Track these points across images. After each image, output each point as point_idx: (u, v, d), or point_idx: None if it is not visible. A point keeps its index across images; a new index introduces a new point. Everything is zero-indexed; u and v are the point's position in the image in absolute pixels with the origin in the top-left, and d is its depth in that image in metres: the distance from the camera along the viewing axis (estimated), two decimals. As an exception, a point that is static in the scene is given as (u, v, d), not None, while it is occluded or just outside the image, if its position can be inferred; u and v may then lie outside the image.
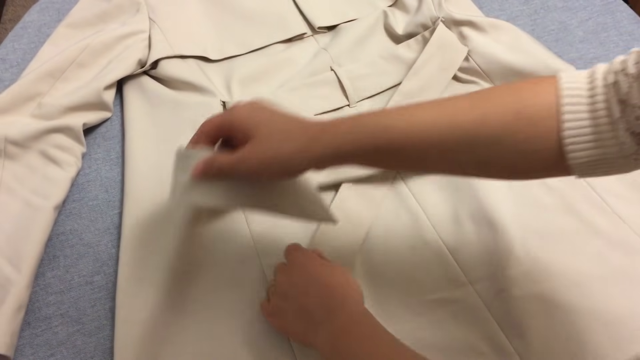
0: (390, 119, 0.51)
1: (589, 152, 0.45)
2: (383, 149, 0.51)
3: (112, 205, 0.73)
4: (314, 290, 0.56)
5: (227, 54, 0.85)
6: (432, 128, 0.49)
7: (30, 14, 0.92)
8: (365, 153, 0.51)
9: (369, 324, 0.53)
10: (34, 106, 0.75)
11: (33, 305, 0.65)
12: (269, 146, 0.51)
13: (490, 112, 0.48)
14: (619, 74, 0.44)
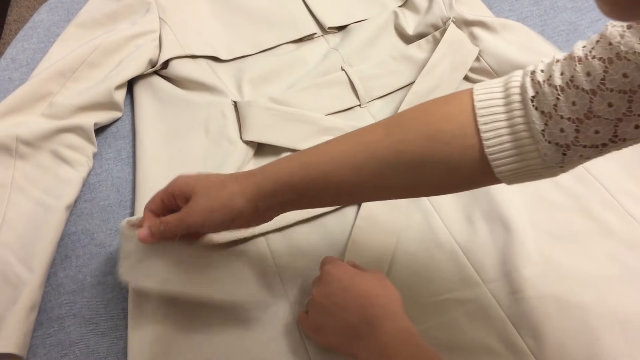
0: (309, 156, 0.54)
1: (514, 166, 0.46)
2: (309, 186, 0.53)
3: (124, 205, 0.73)
4: (352, 303, 0.55)
5: (238, 54, 0.85)
6: (349, 161, 0.51)
7: (39, 14, 0.92)
8: (296, 187, 0.53)
9: (412, 342, 0.52)
10: (45, 106, 0.75)
11: (45, 306, 0.65)
12: (208, 197, 0.55)
13: (404, 139, 0.49)
14: (544, 84, 0.44)
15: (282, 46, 0.87)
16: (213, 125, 0.76)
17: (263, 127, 0.74)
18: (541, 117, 0.44)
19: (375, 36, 0.88)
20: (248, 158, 0.75)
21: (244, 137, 0.74)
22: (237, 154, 0.73)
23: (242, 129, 0.75)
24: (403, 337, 0.52)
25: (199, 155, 0.74)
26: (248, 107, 0.75)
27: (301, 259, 0.67)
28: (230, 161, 0.72)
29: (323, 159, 0.53)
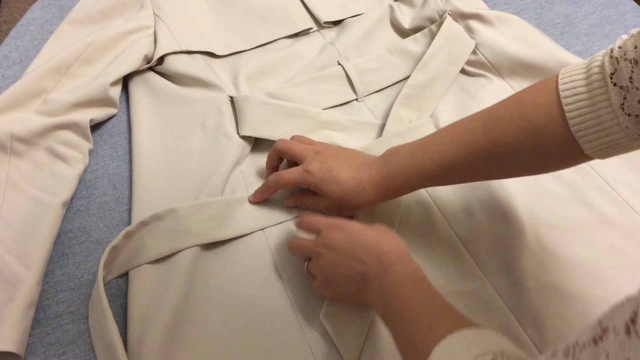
0: (424, 162, 0.61)
1: (600, 142, 0.49)
2: (427, 182, 0.63)
3: (121, 202, 0.72)
4: (363, 252, 0.57)
5: (233, 50, 0.85)
6: (455, 160, 0.58)
7: (32, 11, 0.91)
8: (410, 186, 0.64)
9: (420, 283, 0.53)
10: (40, 102, 0.75)
11: (43, 304, 0.64)
12: (340, 204, 0.65)
13: (500, 134, 0.55)
14: (620, 60, 0.46)
15: (278, 41, 0.87)
16: (210, 121, 0.75)
17: (260, 122, 0.74)
18: (619, 92, 0.47)
19: (372, 30, 0.87)
20: (245, 153, 0.74)
21: (241, 132, 0.74)
22: (234, 149, 0.72)
23: (239, 124, 0.74)
24: (412, 279, 0.53)
25: (196, 151, 0.73)
26: (244, 102, 0.75)
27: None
28: (228, 156, 0.71)
29: (435, 163, 0.60)
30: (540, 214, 0.70)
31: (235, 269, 0.65)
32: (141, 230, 0.65)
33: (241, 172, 0.73)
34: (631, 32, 0.47)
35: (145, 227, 0.65)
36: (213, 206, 0.67)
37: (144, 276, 0.63)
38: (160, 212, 0.65)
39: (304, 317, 0.62)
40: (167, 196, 0.70)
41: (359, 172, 0.64)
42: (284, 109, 0.75)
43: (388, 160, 0.64)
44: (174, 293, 0.61)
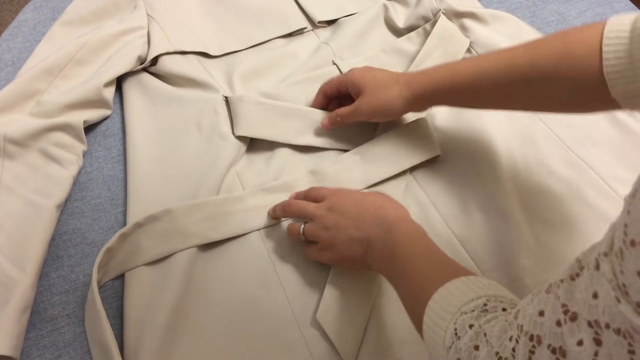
0: (461, 67, 0.64)
1: (628, 87, 0.51)
2: (456, 89, 0.64)
3: (116, 204, 0.72)
4: (368, 214, 0.60)
5: (227, 50, 0.84)
6: (491, 71, 0.60)
7: (24, 13, 0.91)
8: (443, 93, 0.66)
9: (423, 240, 0.55)
10: (33, 104, 0.74)
11: (38, 307, 0.63)
12: (374, 97, 0.69)
13: (540, 56, 0.56)
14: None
15: (272, 41, 0.87)
16: (205, 121, 0.75)
17: (255, 121, 0.73)
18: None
19: (366, 30, 0.87)
20: (241, 153, 0.74)
21: (236, 132, 0.73)
22: (229, 149, 0.72)
23: (234, 124, 0.74)
24: (414, 236, 0.55)
25: (191, 152, 0.73)
26: (239, 102, 0.74)
27: (297, 252, 0.67)
28: (223, 157, 0.71)
29: (469, 69, 0.63)
30: (536, 211, 0.69)
31: (232, 270, 0.65)
32: (136, 232, 0.64)
33: (237, 172, 0.73)
34: None
35: (141, 228, 0.64)
36: (209, 206, 0.66)
37: (140, 278, 0.63)
38: (156, 213, 0.65)
39: (302, 317, 0.62)
40: (162, 197, 0.69)
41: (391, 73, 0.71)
42: (278, 109, 0.74)
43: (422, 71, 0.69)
44: (170, 295, 0.61)
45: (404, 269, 0.52)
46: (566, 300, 0.31)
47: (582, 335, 0.29)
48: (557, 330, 0.30)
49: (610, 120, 0.78)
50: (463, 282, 0.44)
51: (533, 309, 0.33)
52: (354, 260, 0.60)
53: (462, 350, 0.40)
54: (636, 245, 0.26)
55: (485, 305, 0.41)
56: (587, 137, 0.77)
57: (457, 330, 0.41)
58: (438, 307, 0.44)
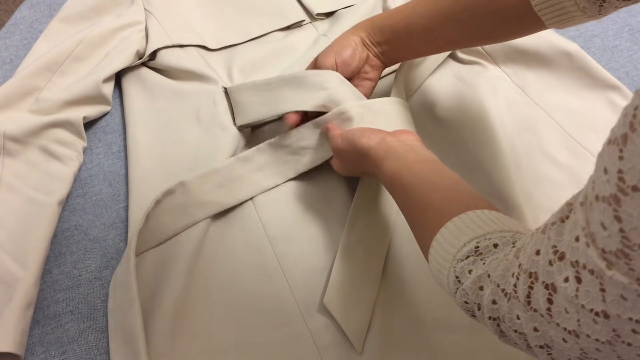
0: (394, 21, 0.67)
1: (557, 19, 0.54)
2: (397, 32, 0.67)
3: (117, 199, 0.71)
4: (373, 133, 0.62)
5: (226, 43, 0.84)
6: (422, 19, 0.64)
7: (20, 11, 0.90)
8: (384, 34, 0.68)
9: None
10: (32, 101, 0.73)
11: (41, 303, 0.63)
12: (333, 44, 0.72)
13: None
14: None
15: (271, 34, 0.86)
16: (204, 113, 0.75)
17: (254, 105, 0.72)
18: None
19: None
20: (242, 144, 0.73)
21: (237, 122, 0.73)
22: (230, 141, 0.72)
23: (235, 114, 0.73)
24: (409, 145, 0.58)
25: (192, 145, 0.73)
26: (237, 91, 0.73)
27: (299, 243, 0.66)
28: (224, 148, 0.71)
29: (404, 23, 0.66)
30: (539, 200, 0.69)
31: (235, 263, 0.65)
32: (157, 209, 0.64)
33: (238, 165, 0.72)
34: None
35: (159, 205, 0.64)
36: (220, 173, 0.67)
37: (141, 272, 0.63)
38: (171, 186, 0.65)
39: (306, 308, 0.62)
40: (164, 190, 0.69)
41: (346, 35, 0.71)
42: (272, 84, 0.72)
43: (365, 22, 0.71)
44: (171, 289, 0.61)
45: (409, 201, 0.53)
46: (556, 242, 0.33)
47: (567, 273, 0.31)
48: (549, 269, 0.33)
49: (610, 107, 0.78)
50: (455, 225, 0.45)
51: (531, 248, 0.35)
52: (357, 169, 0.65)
53: (469, 293, 0.42)
54: (599, 200, 0.29)
55: (477, 248, 0.43)
56: (588, 124, 0.76)
57: (458, 277, 0.43)
58: (436, 255, 0.46)
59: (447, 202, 0.49)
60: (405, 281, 0.64)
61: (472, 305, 0.43)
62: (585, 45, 0.85)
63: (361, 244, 0.65)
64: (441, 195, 0.50)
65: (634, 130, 0.26)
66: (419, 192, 0.52)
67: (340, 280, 0.63)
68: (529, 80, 0.80)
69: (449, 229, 0.45)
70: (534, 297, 0.34)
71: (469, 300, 0.43)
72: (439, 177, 0.53)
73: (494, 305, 0.39)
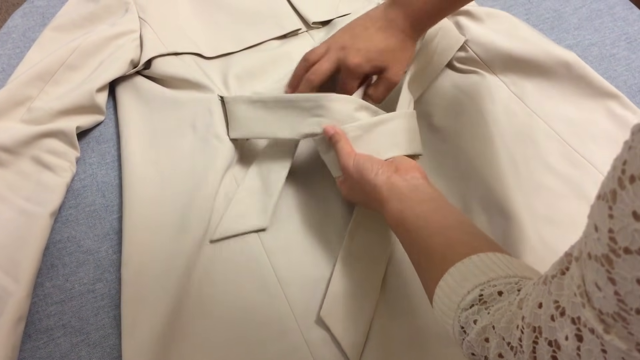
0: None
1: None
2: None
3: (111, 210, 0.70)
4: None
5: (221, 51, 0.83)
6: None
7: (13, 19, 0.89)
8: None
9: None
10: (24, 111, 0.72)
11: (33, 317, 0.62)
12: (393, 57, 0.69)
13: None
14: None
15: (267, 43, 0.86)
16: (200, 122, 0.74)
17: (248, 121, 0.71)
18: None
19: (361, 30, 0.86)
20: (238, 155, 0.72)
21: (231, 135, 0.72)
22: (226, 150, 0.71)
23: (229, 127, 0.72)
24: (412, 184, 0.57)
25: (187, 154, 0.72)
26: (233, 103, 0.72)
27: (296, 254, 0.65)
28: (220, 158, 0.70)
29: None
30: (538, 209, 0.69)
31: (230, 274, 0.64)
32: None
33: (234, 175, 0.71)
34: None
35: None
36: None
37: (137, 285, 0.61)
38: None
39: (303, 320, 0.61)
40: (158, 201, 0.68)
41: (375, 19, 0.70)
42: (268, 103, 0.71)
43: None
44: (167, 302, 0.60)
45: (412, 243, 0.52)
46: (557, 296, 0.31)
47: (567, 331, 0.30)
48: (552, 324, 0.31)
49: (608, 116, 0.77)
50: (458, 271, 0.44)
51: (533, 300, 0.34)
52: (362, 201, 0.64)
53: (474, 345, 0.41)
54: (592, 259, 0.27)
55: (481, 297, 0.41)
56: (586, 133, 0.76)
57: (463, 328, 0.42)
58: (441, 303, 0.44)
59: (449, 246, 0.48)
60: (405, 294, 0.63)
61: (479, 358, 0.41)
62: (583, 54, 0.85)
63: (361, 256, 0.64)
64: (444, 238, 0.49)
65: (623, 187, 0.25)
66: (421, 235, 0.51)
67: (338, 293, 0.62)
68: (527, 90, 0.79)
69: (452, 275, 0.44)
70: (539, 353, 0.33)
71: (475, 353, 0.41)
72: (442, 217, 0.52)
73: (500, 358, 0.38)
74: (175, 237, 0.64)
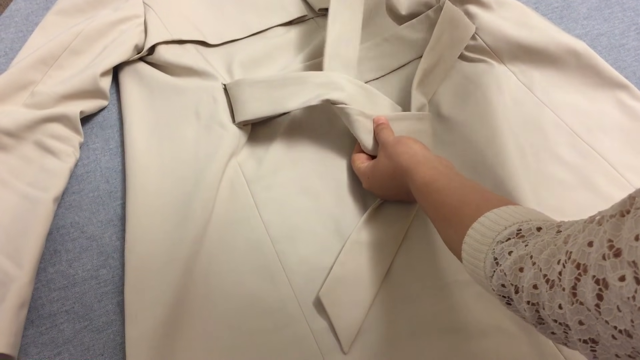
0: None
1: None
2: None
3: (114, 196, 0.70)
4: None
5: (226, 39, 0.82)
6: None
7: (16, 3, 0.88)
8: None
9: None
10: (27, 95, 0.71)
11: (35, 303, 0.61)
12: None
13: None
14: None
15: (272, 29, 0.85)
16: (203, 110, 0.73)
17: (254, 102, 0.71)
18: None
19: (367, 17, 0.85)
20: (242, 143, 0.72)
21: (237, 119, 0.71)
22: (230, 138, 0.70)
23: (235, 111, 0.72)
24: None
25: (191, 142, 0.71)
26: (236, 86, 0.72)
27: (302, 243, 0.65)
28: (224, 146, 0.69)
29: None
30: (547, 200, 0.68)
31: (235, 263, 0.63)
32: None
33: (238, 162, 0.71)
34: None
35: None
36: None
37: (140, 272, 0.61)
38: None
39: (309, 310, 0.60)
40: (161, 188, 0.67)
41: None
42: (275, 82, 0.71)
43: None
44: (171, 289, 0.59)
45: (437, 212, 0.53)
46: (612, 236, 0.31)
47: (624, 272, 0.30)
48: (602, 263, 0.31)
49: (618, 107, 0.76)
50: (495, 214, 0.45)
51: (583, 238, 0.34)
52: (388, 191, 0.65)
53: (507, 274, 0.41)
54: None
55: (520, 231, 0.42)
56: (595, 123, 0.75)
57: (496, 259, 0.42)
58: (473, 241, 0.45)
59: (485, 199, 0.49)
60: (405, 285, 0.63)
61: (509, 289, 0.41)
62: (592, 44, 0.84)
63: (369, 245, 0.64)
64: (479, 194, 0.50)
65: None
66: (455, 193, 0.52)
67: (341, 275, 0.61)
68: (536, 79, 0.78)
69: (489, 217, 0.45)
70: (581, 290, 0.33)
71: (505, 283, 0.41)
72: (474, 183, 0.54)
73: (534, 290, 0.38)
74: (178, 224, 0.64)
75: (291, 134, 0.73)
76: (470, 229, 0.46)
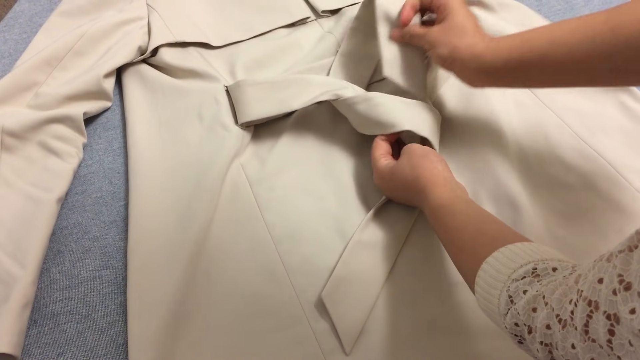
0: (534, 32, 0.57)
1: None
2: (526, 58, 0.56)
3: (117, 197, 0.70)
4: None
5: (230, 40, 0.82)
6: (566, 40, 0.53)
7: (20, 4, 0.89)
8: (513, 62, 0.58)
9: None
10: (31, 96, 0.72)
11: (39, 303, 0.62)
12: (449, 34, 0.63)
13: (624, 22, 0.49)
14: None
15: (275, 31, 0.85)
16: (206, 111, 0.73)
17: (256, 103, 0.71)
18: None
19: (370, 19, 0.85)
20: (245, 144, 0.72)
21: (239, 120, 0.71)
22: (232, 139, 0.70)
23: (237, 112, 0.72)
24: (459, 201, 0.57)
25: (194, 143, 0.71)
26: (237, 87, 0.72)
27: (304, 243, 0.65)
28: (226, 148, 0.69)
29: (543, 37, 0.56)
30: (548, 201, 0.68)
31: (237, 263, 0.63)
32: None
33: (241, 164, 0.71)
34: None
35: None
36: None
37: (143, 272, 0.61)
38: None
39: (311, 311, 0.61)
40: (164, 189, 0.68)
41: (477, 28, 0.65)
42: (277, 83, 0.72)
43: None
44: (174, 290, 0.59)
45: (451, 235, 0.53)
46: (622, 271, 0.31)
47: (635, 305, 0.30)
48: (613, 298, 0.32)
49: (620, 109, 0.77)
50: (511, 250, 0.45)
51: (593, 276, 0.34)
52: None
53: (520, 314, 0.41)
54: None
55: (535, 270, 0.42)
56: (598, 125, 0.75)
57: (511, 297, 0.42)
58: (488, 276, 0.45)
59: (501, 232, 0.49)
60: (409, 287, 0.63)
61: (522, 328, 0.41)
62: (594, 46, 0.84)
63: (372, 246, 0.64)
64: (496, 226, 0.50)
65: None
66: (471, 221, 0.52)
67: (343, 276, 0.61)
68: (538, 81, 0.78)
69: (504, 253, 0.45)
70: (593, 327, 0.33)
71: (519, 322, 0.41)
72: (490, 214, 0.54)
73: (547, 330, 0.38)
74: (181, 225, 0.64)
75: (294, 135, 0.74)
76: (484, 263, 0.46)
